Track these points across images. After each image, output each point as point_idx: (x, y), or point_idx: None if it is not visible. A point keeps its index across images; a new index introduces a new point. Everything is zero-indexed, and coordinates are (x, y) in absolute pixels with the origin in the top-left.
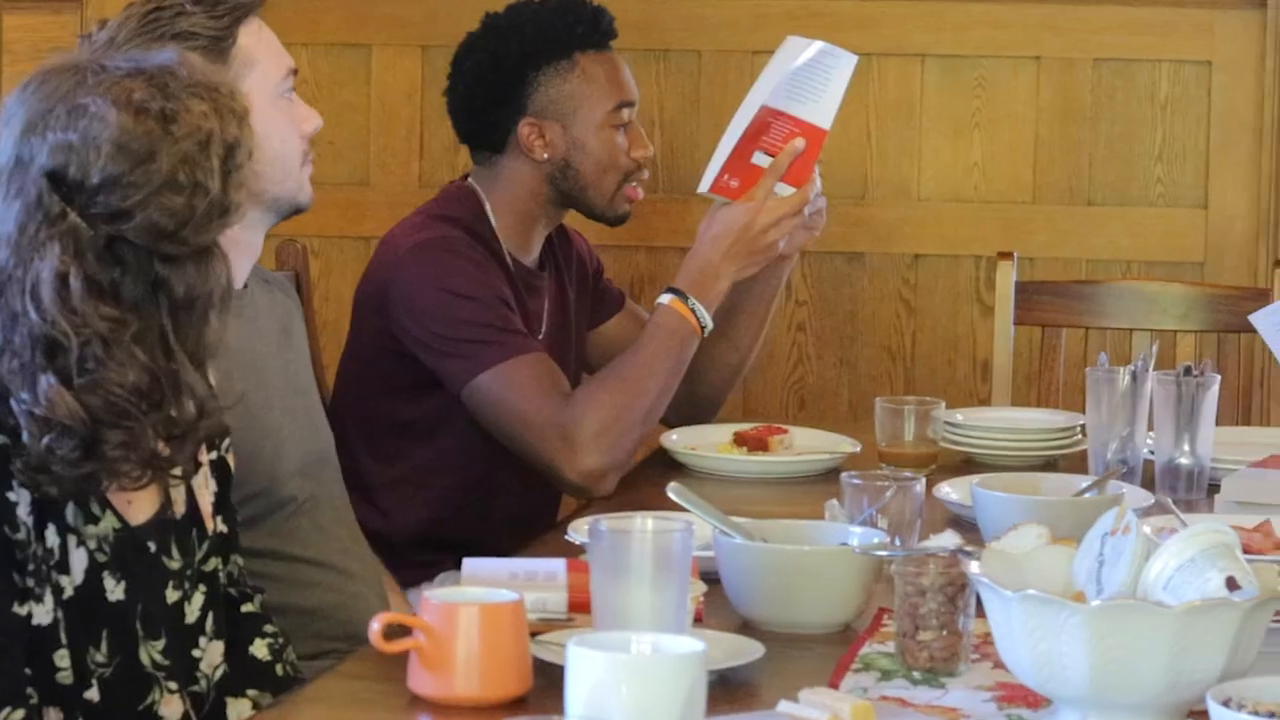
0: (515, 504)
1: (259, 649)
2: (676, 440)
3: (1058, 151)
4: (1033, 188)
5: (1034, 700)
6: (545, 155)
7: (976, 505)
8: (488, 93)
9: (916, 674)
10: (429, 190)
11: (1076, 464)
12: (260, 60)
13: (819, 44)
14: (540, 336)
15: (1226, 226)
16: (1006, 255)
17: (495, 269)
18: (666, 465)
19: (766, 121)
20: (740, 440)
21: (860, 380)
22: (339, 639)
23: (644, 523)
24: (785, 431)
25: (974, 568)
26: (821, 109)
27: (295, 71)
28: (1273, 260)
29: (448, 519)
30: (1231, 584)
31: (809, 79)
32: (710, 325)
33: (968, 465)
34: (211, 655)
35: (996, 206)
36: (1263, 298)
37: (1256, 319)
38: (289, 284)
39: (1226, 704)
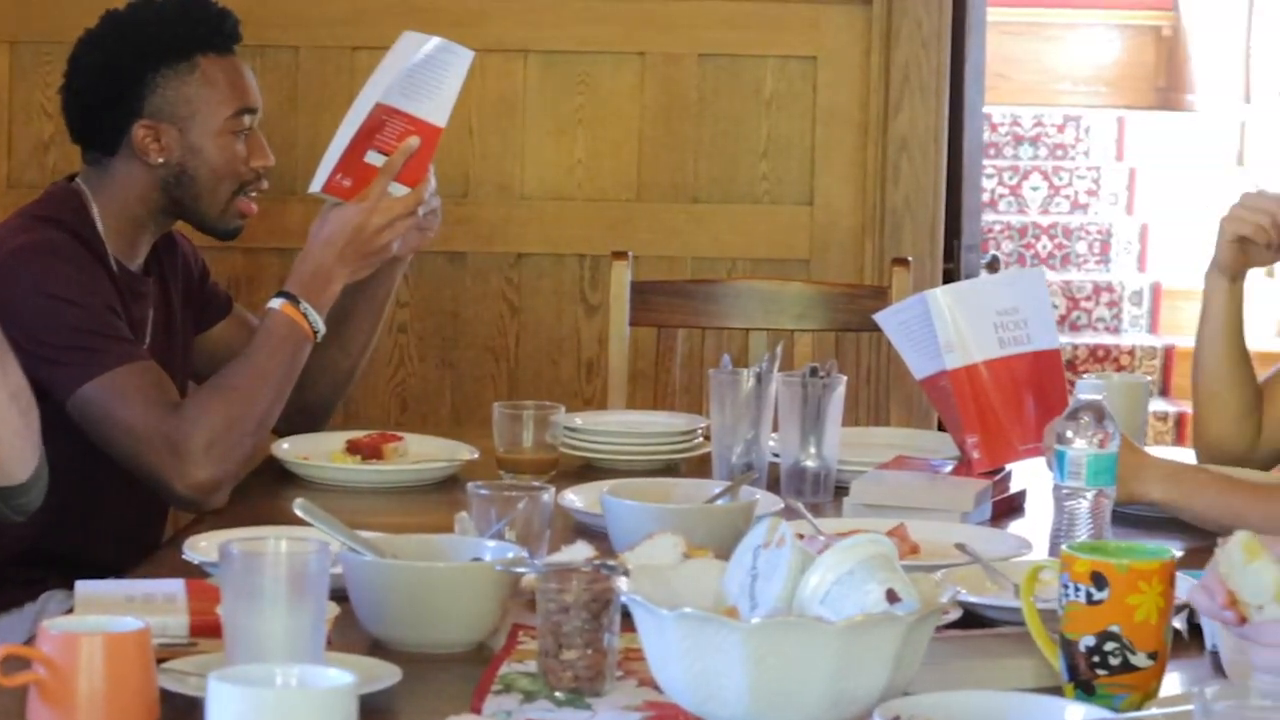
0: (121, 518)
1: None
2: (288, 449)
3: (662, 149)
4: (637, 185)
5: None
6: (160, 159)
7: (608, 514)
8: (103, 91)
9: (560, 694)
10: (18, 191)
11: (698, 467)
12: None
13: (436, 39)
14: (146, 344)
15: (832, 223)
16: (621, 255)
17: (100, 274)
18: (277, 476)
19: (381, 119)
20: (353, 448)
21: (463, 382)
22: None
23: (277, 544)
24: (400, 439)
25: (623, 585)
26: (437, 106)
27: None
28: (881, 257)
29: (49, 534)
30: (892, 596)
31: (425, 76)
32: (322, 330)
33: (588, 470)
34: None
35: (600, 205)
36: (881, 296)
37: (881, 318)
38: None
39: None
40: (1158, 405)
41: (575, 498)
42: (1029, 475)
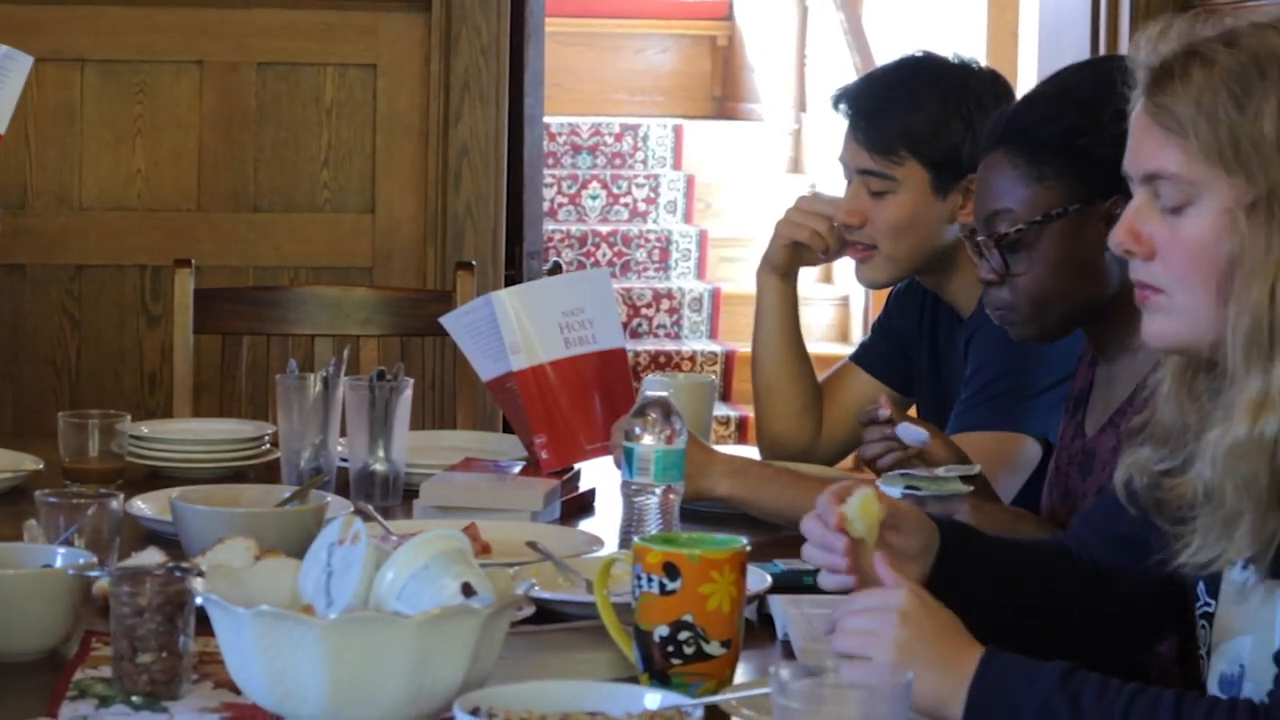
0: None
1: None
2: None
3: (223, 158)
4: (198, 195)
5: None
6: None
7: (178, 520)
8: None
9: (136, 698)
10: None
11: (266, 473)
12: None
13: None
14: None
15: (393, 230)
16: (184, 263)
17: None
18: None
19: None
20: None
21: (25, 396)
22: None
23: None
24: None
25: (199, 585)
26: None
27: None
28: (444, 263)
29: None
30: (468, 590)
31: None
32: None
33: (155, 479)
34: None
35: (161, 215)
36: (446, 300)
37: (448, 321)
38: None
39: (475, 713)
40: (720, 409)
41: (144, 505)
42: (598, 474)
